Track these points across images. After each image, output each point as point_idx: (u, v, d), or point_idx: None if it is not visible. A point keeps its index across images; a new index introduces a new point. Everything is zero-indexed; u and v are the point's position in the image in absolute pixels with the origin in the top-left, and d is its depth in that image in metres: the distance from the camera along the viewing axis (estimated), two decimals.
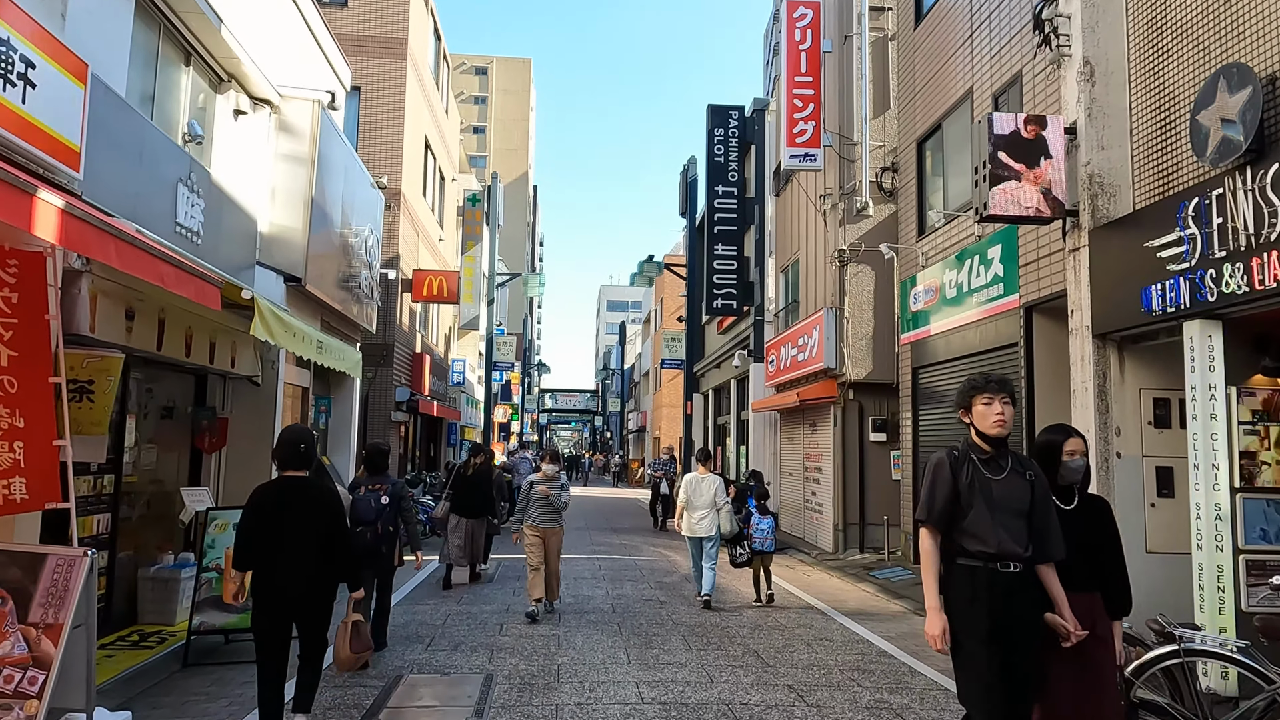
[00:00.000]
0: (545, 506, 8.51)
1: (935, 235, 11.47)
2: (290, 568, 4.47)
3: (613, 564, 12.37)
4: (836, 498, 13.72)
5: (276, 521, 4.50)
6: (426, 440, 21.75)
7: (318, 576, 4.56)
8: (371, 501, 6.84)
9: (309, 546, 4.50)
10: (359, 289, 11.70)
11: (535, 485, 8.52)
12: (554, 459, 8.83)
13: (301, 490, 4.62)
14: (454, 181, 23.44)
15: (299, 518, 4.52)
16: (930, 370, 11.60)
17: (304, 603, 4.55)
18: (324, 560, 4.55)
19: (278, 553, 4.48)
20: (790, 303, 16.81)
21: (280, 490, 4.62)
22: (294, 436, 4.76)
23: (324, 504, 4.64)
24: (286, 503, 4.55)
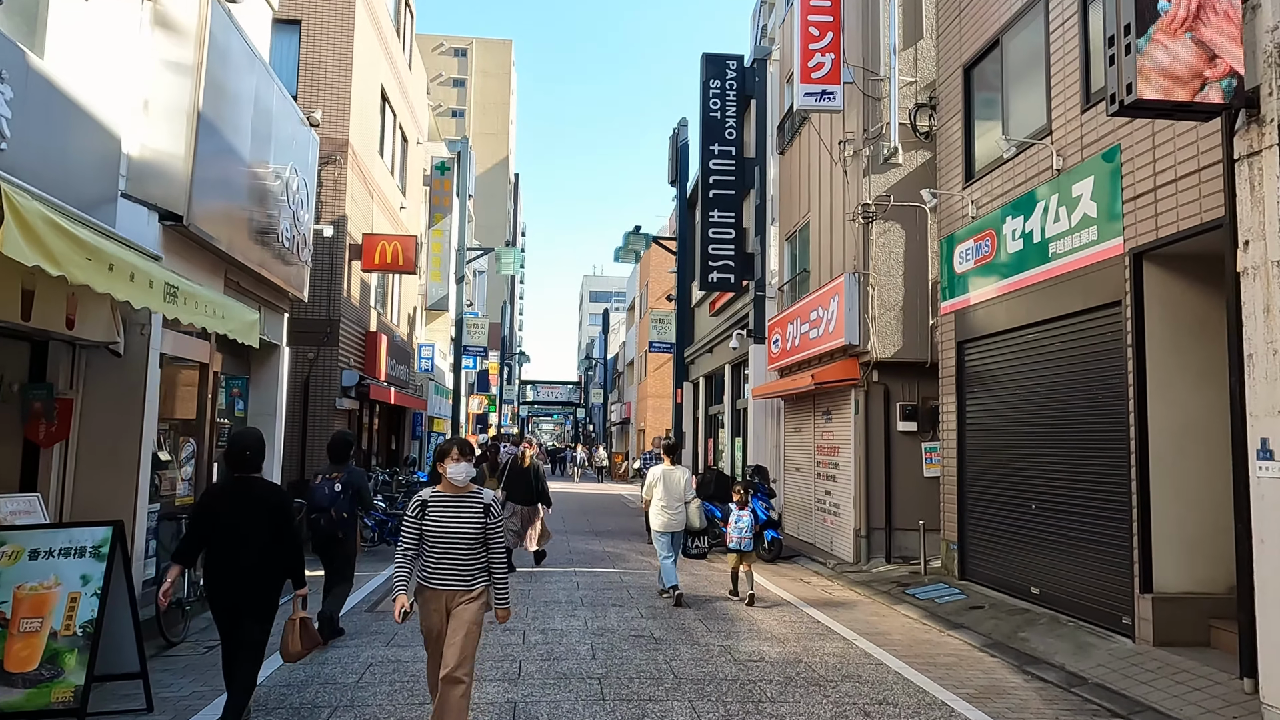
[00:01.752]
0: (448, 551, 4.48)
1: (989, 179, 9.35)
2: (237, 566, 4.66)
3: (594, 581, 10.21)
4: (858, 498, 11.62)
5: (225, 520, 4.69)
6: (386, 432, 19.50)
7: (263, 575, 4.72)
8: (326, 489, 6.96)
9: (255, 545, 4.68)
10: (279, 244, 9.44)
11: (426, 506, 4.49)
12: (464, 452, 4.56)
13: (248, 490, 4.81)
14: (419, 146, 21.14)
15: (246, 517, 4.71)
16: (981, 345, 9.50)
17: (249, 599, 4.70)
18: (270, 558, 4.71)
19: (226, 551, 4.67)
20: (800, 273, 14.66)
21: (229, 490, 4.83)
22: (240, 443, 4.90)
23: (271, 503, 4.81)
24: (235, 502, 4.74)
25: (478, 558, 4.45)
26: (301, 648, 4.93)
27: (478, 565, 4.46)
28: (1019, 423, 8.67)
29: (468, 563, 4.42)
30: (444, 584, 4.41)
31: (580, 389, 69.00)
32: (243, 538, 4.67)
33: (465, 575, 4.42)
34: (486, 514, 4.46)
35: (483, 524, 4.44)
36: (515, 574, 10.47)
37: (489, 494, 4.56)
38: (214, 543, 4.72)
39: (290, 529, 4.82)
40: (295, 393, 13.48)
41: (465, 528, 4.41)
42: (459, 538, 4.39)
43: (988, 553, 9.24)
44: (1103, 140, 7.29)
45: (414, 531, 4.46)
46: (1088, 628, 7.22)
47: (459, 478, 4.47)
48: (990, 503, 9.22)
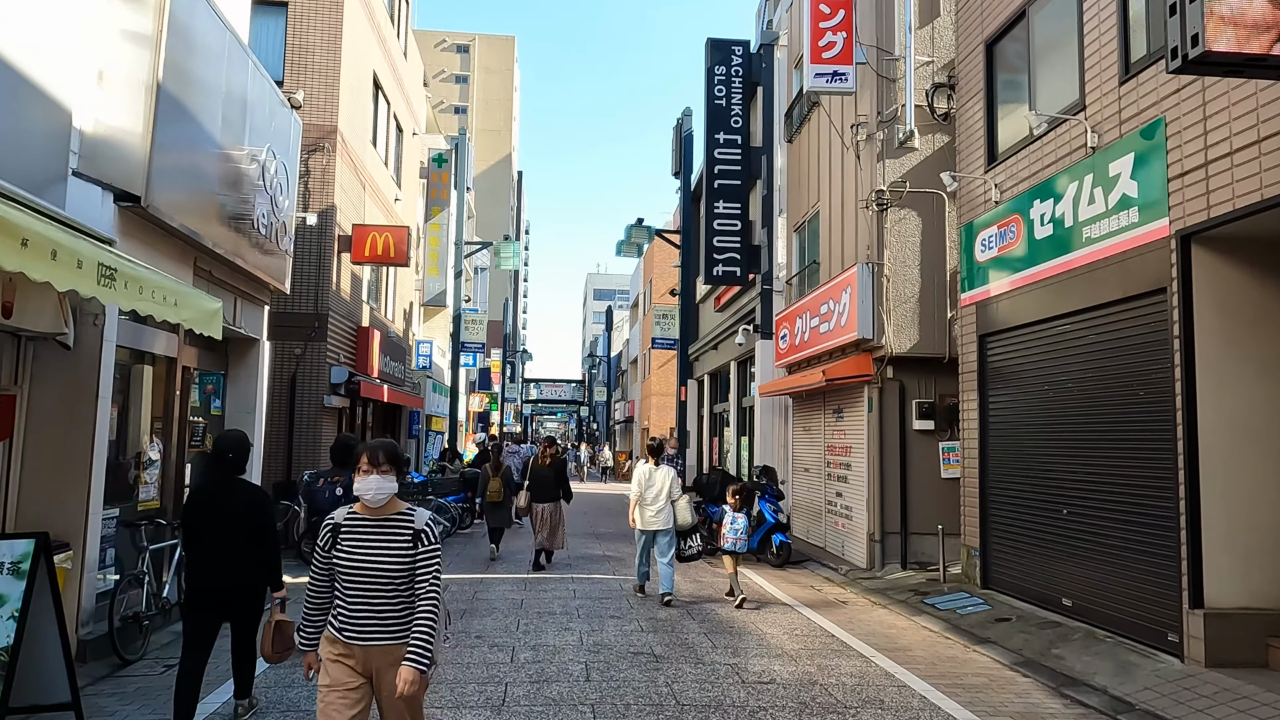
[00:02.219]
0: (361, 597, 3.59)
1: (1014, 161, 8.74)
2: (219, 567, 4.73)
3: (592, 589, 9.61)
4: (871, 501, 11.01)
5: (207, 522, 4.76)
6: (381, 431, 18.91)
7: (246, 576, 4.81)
8: (326, 493, 7.14)
9: (237, 547, 4.76)
10: (255, 231, 8.87)
11: (338, 532, 3.41)
12: (378, 461, 3.40)
13: (230, 493, 4.88)
14: (416, 137, 20.56)
15: (228, 519, 4.79)
16: (1006, 338, 8.88)
17: (233, 601, 4.81)
18: (252, 560, 4.80)
19: (208, 553, 4.74)
20: (809, 264, 14.05)
21: (210, 493, 4.90)
22: (221, 445, 5.00)
23: (251, 506, 4.91)
24: (217, 505, 4.82)
25: (408, 601, 3.36)
26: (275, 650, 4.80)
27: (409, 611, 3.36)
28: (1048, 421, 8.06)
29: (393, 609, 3.32)
30: (362, 637, 3.29)
31: (584, 387, 68.40)
32: (225, 540, 4.76)
33: (391, 626, 3.32)
34: (416, 543, 3.34)
35: (410, 556, 3.32)
36: (509, 581, 9.90)
37: (422, 515, 3.43)
38: (198, 545, 4.81)
39: (270, 532, 4.96)
40: (281, 390, 12.92)
41: (387, 562, 3.29)
42: (379, 576, 3.28)
43: (1013, 560, 8.63)
44: (1144, 114, 6.67)
45: (323, 567, 3.39)
46: (1129, 645, 6.60)
47: (370, 495, 3.33)
48: (1016, 507, 8.61)
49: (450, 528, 14.02)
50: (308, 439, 12.93)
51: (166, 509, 7.85)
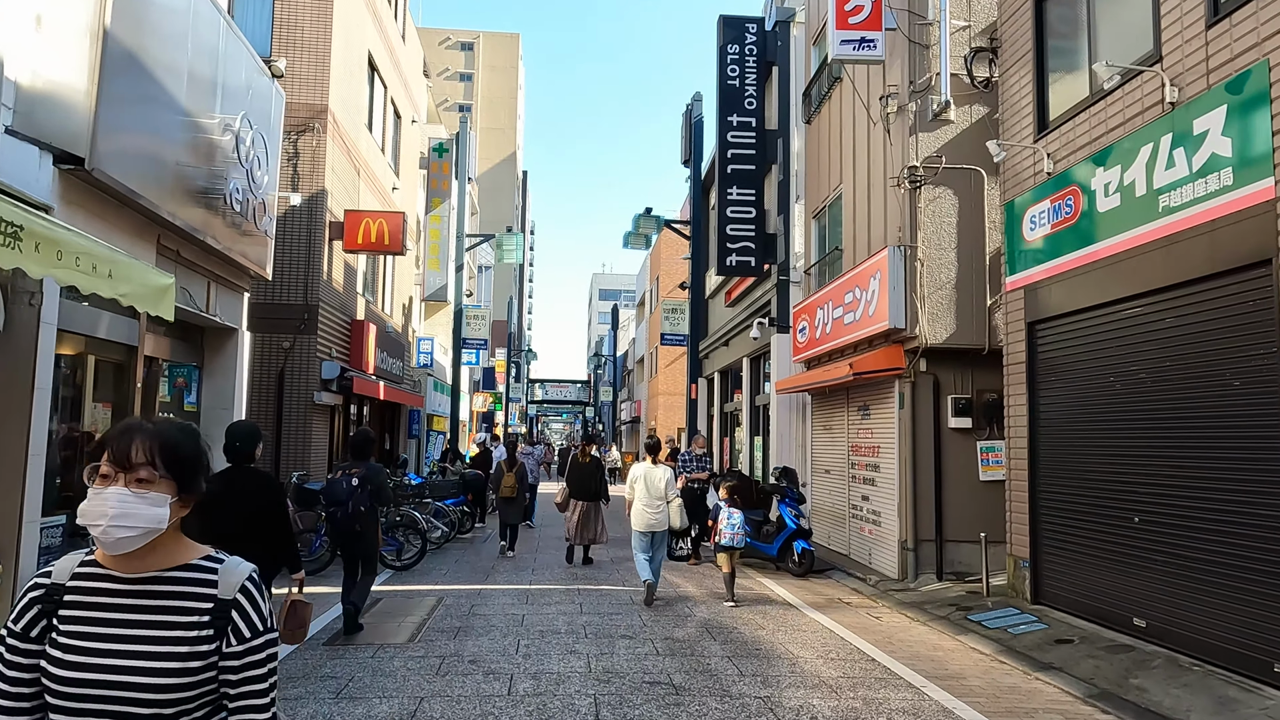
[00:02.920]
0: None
1: (1070, 126, 7.85)
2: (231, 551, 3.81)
3: (600, 603, 8.75)
4: (903, 505, 10.13)
5: (220, 508, 4.68)
6: (379, 430, 18.08)
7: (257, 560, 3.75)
8: (343, 484, 7.00)
9: (249, 531, 4.89)
10: (229, 208, 8.03)
11: (54, 604, 1.63)
12: (123, 461, 1.60)
13: (243, 478, 5.09)
14: (415, 125, 19.74)
15: (240, 504, 4.94)
16: (1061, 325, 8.00)
17: None
18: (261, 546, 4.91)
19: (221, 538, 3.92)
20: (830, 252, 13.16)
21: (225, 479, 5.04)
22: (231, 435, 5.27)
23: (264, 491, 5.14)
24: (231, 490, 4.97)
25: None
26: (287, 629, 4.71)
27: None
28: (1115, 417, 7.17)
29: None
30: None
31: (589, 388, 67.60)
32: (235, 526, 4.83)
33: None
34: (221, 630, 1.63)
35: (203, 660, 1.61)
36: (510, 594, 9.04)
37: (237, 572, 1.67)
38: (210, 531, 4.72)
39: (282, 517, 5.10)
40: (268, 386, 12.10)
41: (148, 675, 1.57)
42: (128, 705, 1.55)
43: (1071, 573, 7.74)
44: (1238, 60, 5.78)
45: (16, 670, 1.60)
46: (1223, 675, 5.71)
47: (105, 526, 1.55)
48: (1075, 514, 7.72)
49: (449, 532, 13.17)
50: (296, 438, 12.10)
51: None
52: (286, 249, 12.28)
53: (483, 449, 17.35)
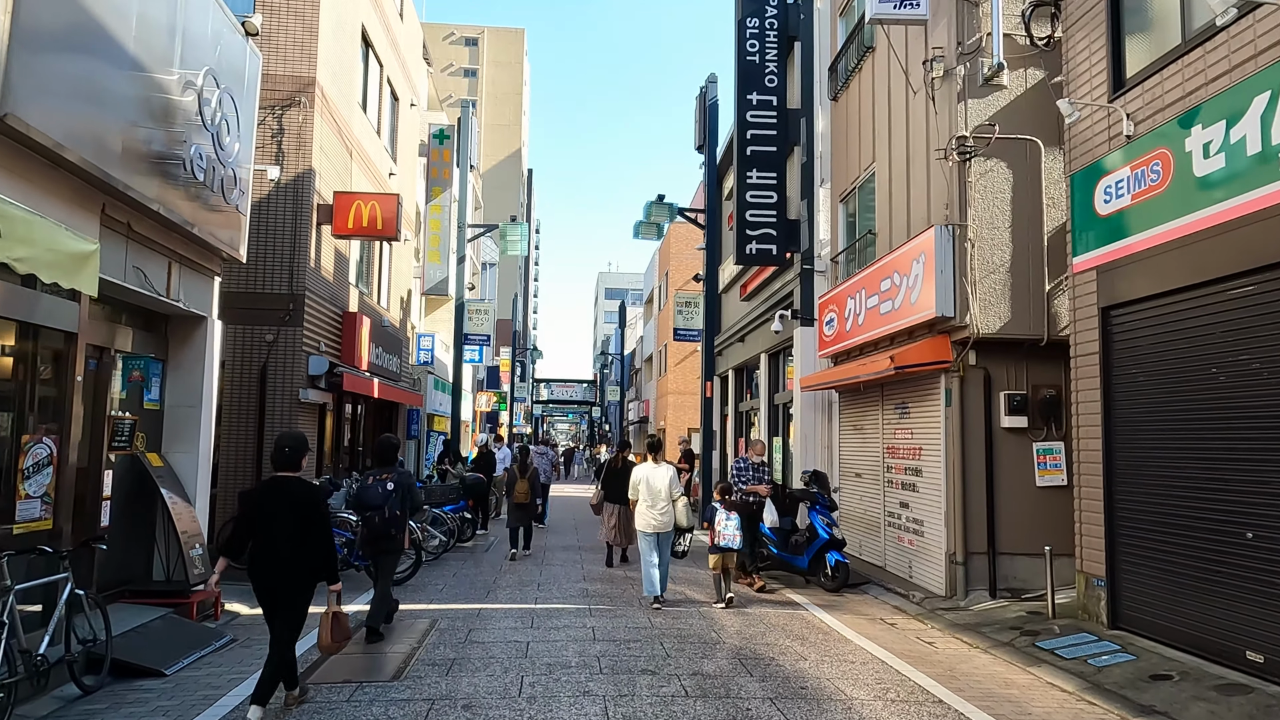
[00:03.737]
0: None
1: (1157, 81, 6.81)
2: (272, 560, 4.93)
3: (615, 627, 7.72)
4: (951, 514, 9.09)
5: (264, 515, 4.93)
6: (375, 430, 17.10)
7: (296, 568, 4.97)
8: (378, 489, 7.05)
9: (289, 541, 4.93)
10: (190, 175, 7.03)
11: None
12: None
13: (285, 489, 5.03)
14: (414, 109, 18.75)
15: (282, 515, 4.94)
16: (1144, 310, 6.96)
17: (283, 590, 4.97)
18: (302, 553, 4.95)
19: (263, 546, 4.93)
20: (862, 236, 12.11)
21: (267, 488, 5.09)
22: (280, 441, 5.25)
23: (306, 501, 5.03)
24: (274, 500, 4.99)
25: None
26: (333, 641, 5.09)
27: None
28: (1218, 416, 6.13)
29: None
30: None
31: (595, 387, 66.65)
32: (280, 532, 4.89)
33: None
34: None
35: None
36: (513, 616, 8.03)
37: None
38: (255, 536, 4.96)
39: (324, 527, 5.06)
40: (248, 383, 11.11)
41: None
42: None
43: (1161, 595, 6.69)
44: None
45: None
46: None
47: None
48: (1165, 527, 6.68)
49: (448, 541, 12.17)
50: None
51: (63, 531, 6.00)
52: (269, 233, 11.30)
53: (484, 450, 16.35)
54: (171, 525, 7.38)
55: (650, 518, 8.66)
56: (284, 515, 4.94)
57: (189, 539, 7.50)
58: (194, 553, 7.53)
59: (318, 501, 5.09)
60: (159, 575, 7.69)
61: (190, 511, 7.69)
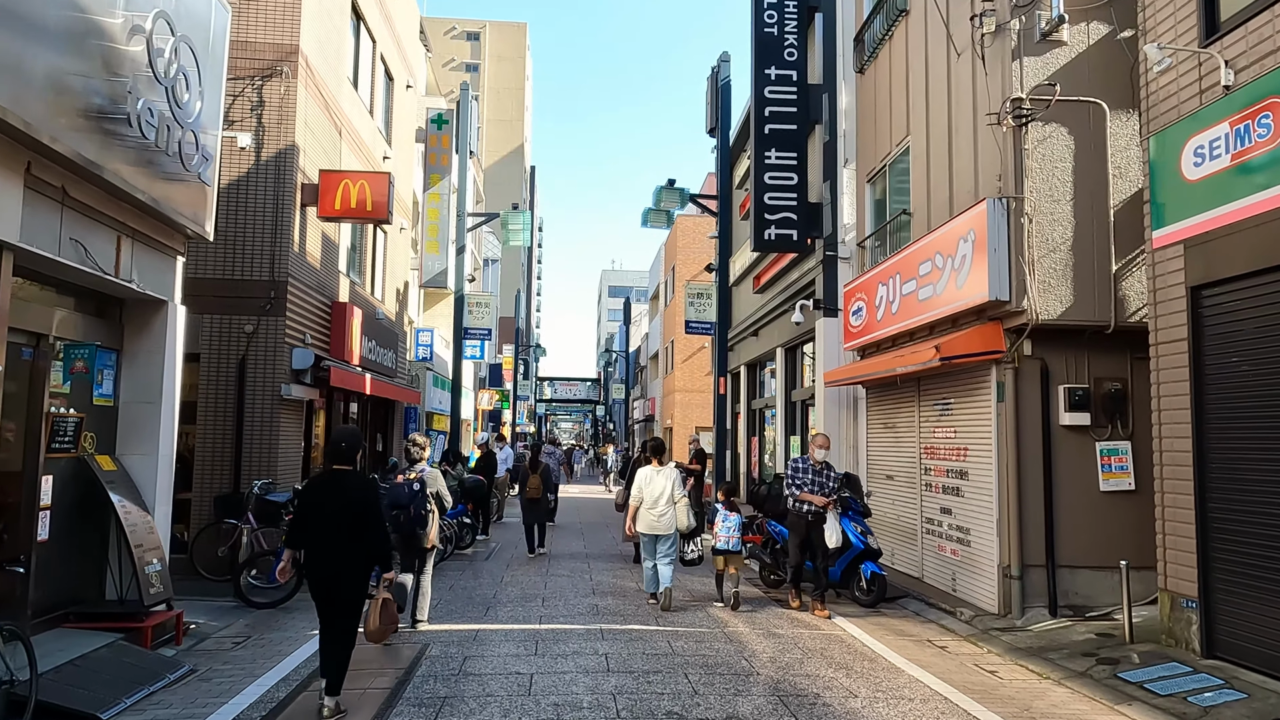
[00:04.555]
0: None
1: (1266, 20, 5.84)
2: (328, 550, 5.05)
3: (631, 654, 6.77)
4: (1004, 522, 8.13)
5: (319, 509, 5.09)
6: (372, 429, 16.17)
7: (352, 559, 5.09)
8: (405, 488, 7.16)
9: (345, 532, 5.04)
10: (139, 135, 6.08)
11: None
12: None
13: (341, 481, 5.19)
14: (410, 90, 17.80)
15: (338, 506, 5.08)
16: (1247, 288, 5.99)
17: (339, 581, 5.07)
18: (358, 544, 5.07)
19: (319, 536, 5.07)
20: (894, 217, 11.13)
21: (325, 481, 5.26)
22: (335, 438, 5.47)
23: (361, 494, 5.18)
24: (330, 492, 5.14)
25: None
26: (381, 625, 5.31)
27: None
28: None
29: None
30: None
31: (599, 386, 65.74)
32: (336, 525, 5.04)
33: None
34: None
35: None
36: (515, 638, 7.08)
37: None
38: (311, 529, 5.12)
39: (378, 518, 5.23)
40: (224, 377, 10.18)
41: None
42: None
43: (1271, 621, 5.73)
44: None
45: None
46: None
47: None
48: (1276, 539, 5.71)
49: (444, 548, 11.21)
50: (261, 439, 10.18)
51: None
52: (247, 213, 10.37)
53: (485, 451, 15.40)
54: (124, 538, 6.45)
55: (650, 520, 8.55)
56: (340, 507, 5.08)
57: (145, 553, 6.57)
58: (151, 569, 6.59)
59: (373, 491, 5.31)
60: (112, 595, 6.75)
61: (147, 521, 6.75)
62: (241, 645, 6.89)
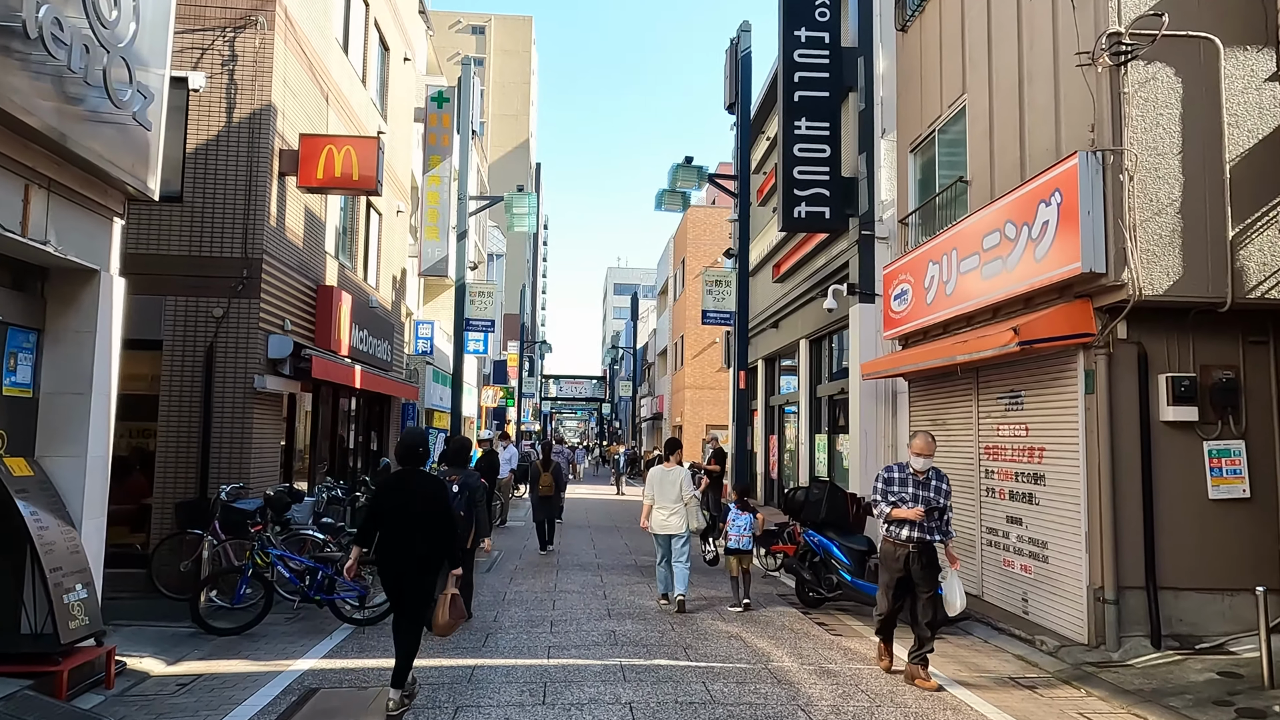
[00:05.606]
0: None
1: None
2: (401, 546, 5.26)
3: (662, 702, 5.54)
4: (1096, 535, 6.88)
5: (393, 507, 5.31)
6: (366, 427, 14.98)
7: (424, 555, 5.29)
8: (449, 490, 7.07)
9: (418, 529, 5.26)
10: (43, 53, 4.86)
11: None
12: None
13: (414, 481, 5.41)
14: (408, 63, 16.60)
15: (411, 504, 5.31)
16: None
17: (412, 576, 5.28)
18: (431, 541, 5.29)
19: (393, 533, 5.28)
20: (950, 185, 9.86)
21: (400, 480, 5.46)
22: (409, 439, 5.62)
23: (433, 492, 5.40)
24: (403, 491, 5.37)
25: None
26: (450, 619, 5.35)
27: None
28: None
29: None
30: None
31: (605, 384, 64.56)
32: (409, 522, 5.26)
33: None
34: None
35: None
36: (518, 677, 5.86)
37: None
38: (385, 526, 5.32)
39: (449, 516, 5.44)
40: (192, 367, 8.99)
41: None
42: None
43: None
44: None
45: None
46: None
47: None
48: None
49: None
50: (231, 437, 8.99)
51: None
52: (217, 181, 9.18)
53: (487, 450, 14.20)
54: (37, 559, 5.24)
55: (660, 519, 8.47)
56: (413, 506, 5.28)
57: (65, 578, 5.37)
58: (73, 597, 5.38)
59: (444, 491, 5.50)
60: (28, 628, 5.55)
61: (70, 539, 5.54)
62: (187, 689, 5.68)
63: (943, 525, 6.18)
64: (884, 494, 6.21)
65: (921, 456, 6.15)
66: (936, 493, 6.13)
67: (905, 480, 6.18)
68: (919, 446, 6.20)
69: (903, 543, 6.09)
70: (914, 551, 6.05)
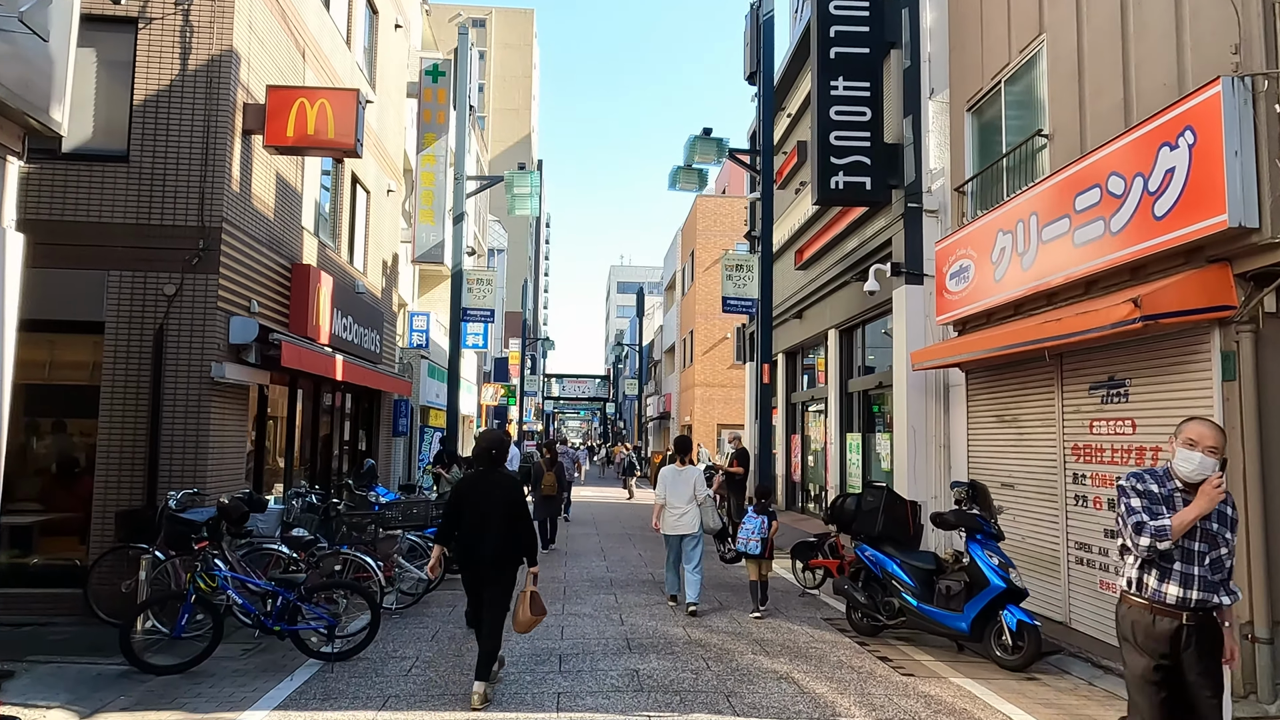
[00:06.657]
0: None
1: None
2: (479, 544, 5.43)
3: None
4: (1240, 556, 5.48)
5: (473, 506, 5.50)
6: (354, 425, 13.65)
7: (502, 552, 5.45)
8: None
9: (496, 527, 5.43)
10: None
11: None
12: None
13: (492, 480, 5.63)
14: (399, 30, 15.27)
15: (489, 503, 5.49)
16: None
17: (491, 573, 5.45)
18: (509, 539, 5.47)
19: (472, 532, 5.46)
20: (1026, 141, 8.47)
21: (477, 481, 5.67)
22: (486, 444, 5.77)
23: (510, 492, 5.59)
24: (482, 490, 5.57)
25: None
26: (531, 616, 5.52)
27: None
28: None
29: None
30: None
31: (609, 382, 63.21)
32: (487, 521, 5.43)
33: None
34: None
35: None
36: None
37: None
38: (463, 525, 5.49)
39: (525, 515, 5.61)
40: (137, 354, 7.66)
41: None
42: None
43: None
44: None
45: None
46: None
47: None
48: None
49: (429, 580, 8.49)
50: (185, 435, 7.66)
51: None
52: (168, 138, 7.86)
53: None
54: None
55: (672, 520, 8.35)
56: (491, 505, 5.47)
57: None
58: None
59: (519, 492, 5.63)
60: None
61: None
62: None
63: (1227, 578, 3.59)
64: (1150, 514, 3.53)
65: (1211, 452, 3.50)
66: (1222, 522, 3.57)
67: (1171, 497, 3.58)
68: (1208, 438, 3.52)
69: (1169, 608, 3.53)
70: (1190, 626, 3.50)
